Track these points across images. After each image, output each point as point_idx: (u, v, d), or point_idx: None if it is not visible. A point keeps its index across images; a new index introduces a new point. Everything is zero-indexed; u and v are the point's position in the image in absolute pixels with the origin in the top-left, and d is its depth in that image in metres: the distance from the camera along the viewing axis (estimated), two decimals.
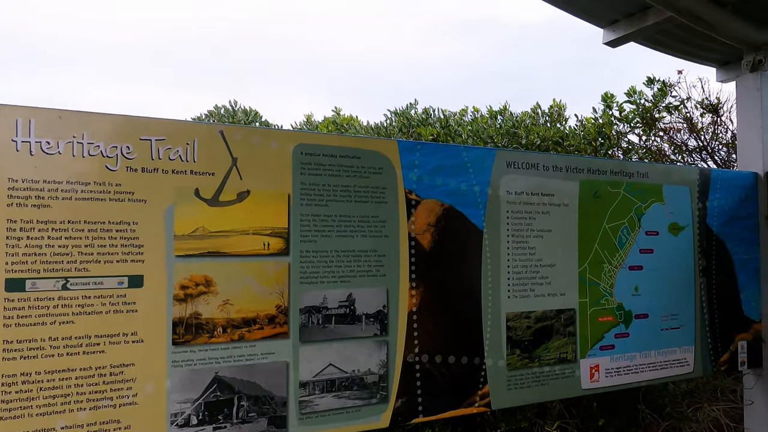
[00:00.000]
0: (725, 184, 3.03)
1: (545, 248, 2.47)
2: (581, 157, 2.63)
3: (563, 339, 2.50)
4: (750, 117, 3.24)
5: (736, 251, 3.05)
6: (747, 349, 3.06)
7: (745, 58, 3.32)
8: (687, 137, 4.32)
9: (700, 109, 4.22)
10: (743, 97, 3.30)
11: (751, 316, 3.09)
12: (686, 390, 3.50)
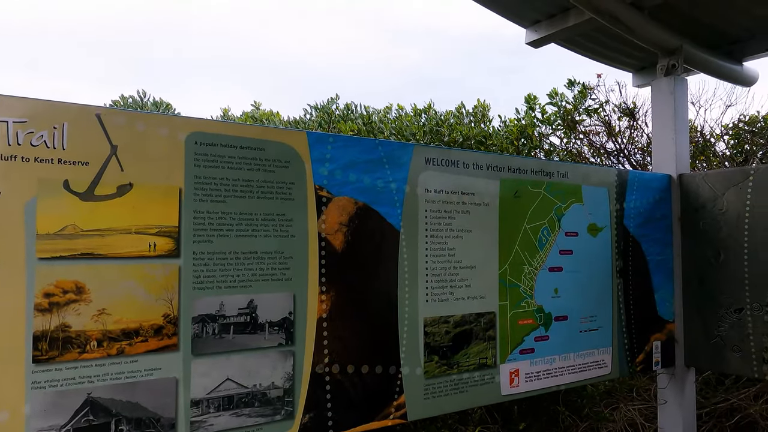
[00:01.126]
0: (641, 186, 3.06)
1: (465, 249, 2.36)
2: (502, 156, 2.55)
3: (483, 344, 2.40)
4: (664, 120, 3.30)
5: (651, 252, 3.08)
6: (661, 349, 3.10)
7: (660, 63, 3.38)
8: (606, 140, 4.40)
9: (618, 113, 4.30)
10: (658, 100, 3.35)
11: (665, 317, 3.14)
12: (604, 390, 3.53)
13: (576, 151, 4.53)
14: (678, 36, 3.31)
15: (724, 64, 3.63)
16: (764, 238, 2.84)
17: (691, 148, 4.36)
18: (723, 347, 3.01)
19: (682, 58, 3.28)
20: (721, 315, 3.02)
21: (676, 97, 3.28)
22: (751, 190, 2.90)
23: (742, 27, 3.44)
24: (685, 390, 3.20)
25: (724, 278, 3.01)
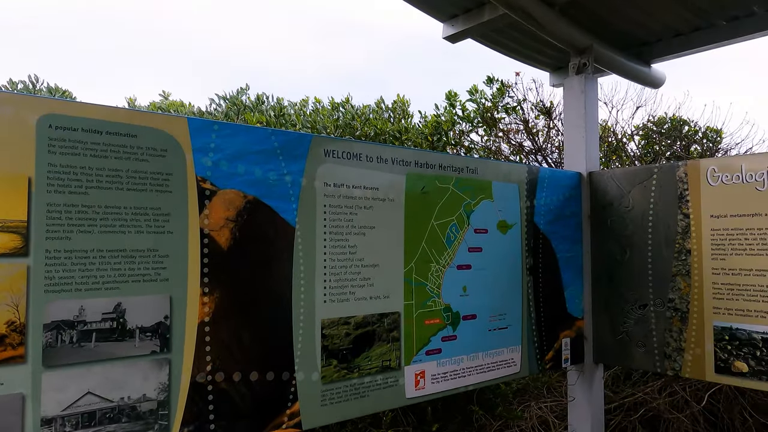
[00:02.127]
0: (552, 183, 3.06)
1: (368, 247, 2.25)
2: (408, 149, 2.45)
3: (386, 345, 2.30)
4: (575, 119, 3.32)
5: (561, 249, 3.09)
6: (570, 346, 3.11)
7: (571, 61, 3.40)
8: (524, 138, 4.43)
9: (535, 112, 4.33)
10: (569, 99, 3.37)
11: (575, 314, 3.15)
12: (517, 389, 3.52)
13: (495, 148, 4.53)
14: (589, 35, 3.34)
15: (634, 65, 3.71)
16: (666, 236, 2.90)
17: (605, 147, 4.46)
18: (628, 343, 3.05)
19: (592, 57, 3.32)
20: (627, 311, 3.06)
21: (587, 96, 3.30)
22: (655, 188, 2.95)
23: (649, 30, 3.52)
24: (593, 386, 3.23)
25: (630, 275, 3.05)
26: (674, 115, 4.25)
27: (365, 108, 3.75)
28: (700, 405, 3.35)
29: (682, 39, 3.58)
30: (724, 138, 4.25)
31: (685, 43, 3.58)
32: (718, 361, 2.71)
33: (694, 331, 2.79)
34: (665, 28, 3.50)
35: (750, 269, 2.62)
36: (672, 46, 3.63)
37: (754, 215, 2.60)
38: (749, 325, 2.62)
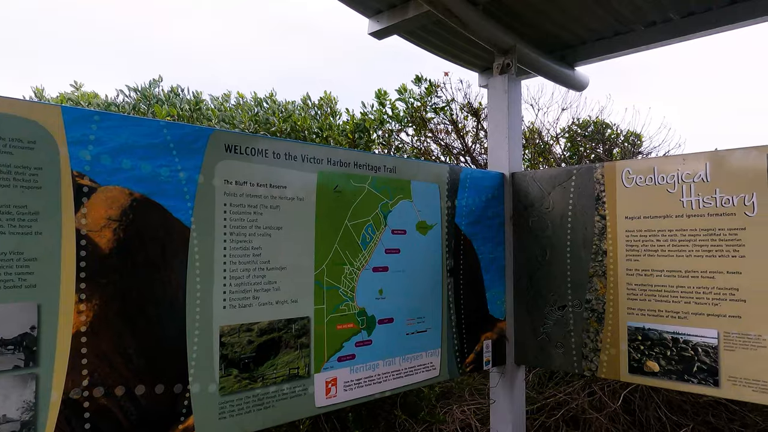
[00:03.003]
0: (474, 184, 3.02)
1: (274, 249, 2.13)
2: (320, 146, 2.34)
3: (294, 352, 2.18)
4: (498, 119, 3.30)
5: (483, 250, 3.05)
6: (492, 348, 3.09)
7: (496, 61, 3.38)
8: (453, 139, 4.40)
9: (464, 112, 4.31)
10: (493, 99, 3.35)
11: (496, 315, 3.13)
12: (441, 392, 3.48)
13: (425, 149, 4.48)
14: (512, 35, 3.33)
15: (558, 67, 3.74)
16: (584, 237, 2.91)
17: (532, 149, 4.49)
18: (548, 344, 3.05)
19: (515, 57, 3.31)
20: (547, 312, 3.06)
21: (510, 97, 3.29)
22: (573, 190, 2.96)
23: (573, 33, 3.55)
24: (514, 387, 3.22)
25: (550, 276, 3.05)
26: (597, 118, 4.35)
27: (288, 104, 3.62)
28: (616, 404, 3.40)
29: (604, 43, 3.64)
30: (644, 141, 4.39)
31: (607, 47, 3.64)
32: (632, 361, 2.74)
33: (610, 332, 2.81)
34: (588, 31, 3.54)
35: (661, 270, 2.65)
36: (595, 50, 3.69)
37: (665, 217, 2.64)
38: (660, 325, 2.65)
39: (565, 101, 4.39)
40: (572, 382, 3.83)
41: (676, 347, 2.60)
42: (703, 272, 2.53)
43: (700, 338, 2.53)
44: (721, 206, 2.48)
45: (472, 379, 3.73)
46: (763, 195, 2.37)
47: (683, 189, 2.59)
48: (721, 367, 2.47)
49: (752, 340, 2.39)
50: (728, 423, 3.59)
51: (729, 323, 2.46)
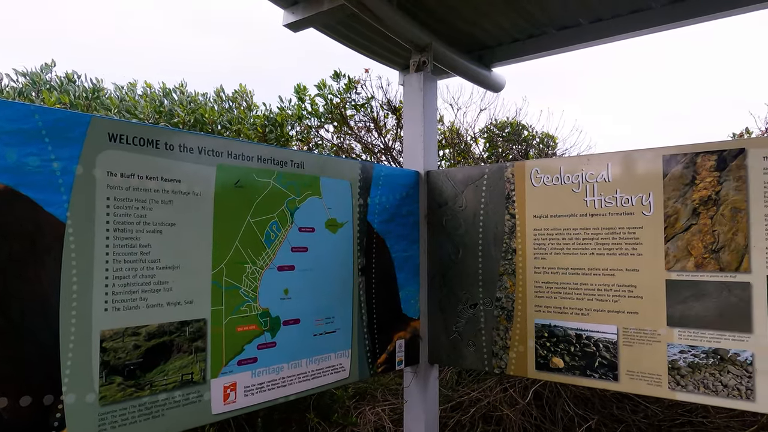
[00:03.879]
0: (388, 181, 2.98)
1: (165, 246, 1.99)
2: (219, 138, 2.22)
3: (188, 357, 2.05)
4: (414, 117, 3.28)
5: (396, 249, 3.02)
6: (405, 348, 3.06)
7: (412, 59, 3.36)
8: (375, 137, 4.36)
9: (384, 110, 4.28)
10: (409, 97, 3.33)
11: (410, 314, 3.10)
12: (354, 393, 3.42)
13: (347, 146, 4.41)
14: (428, 33, 3.32)
15: (475, 68, 3.77)
16: (495, 235, 2.93)
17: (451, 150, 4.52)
18: (460, 342, 3.06)
19: (431, 55, 3.30)
20: (459, 311, 3.06)
21: (426, 95, 3.28)
22: (486, 189, 2.98)
23: (489, 34, 3.59)
24: (428, 387, 3.20)
25: (463, 274, 3.06)
26: (514, 119, 4.44)
27: (196, 96, 3.45)
28: (525, 401, 3.47)
29: (519, 45, 3.70)
30: (558, 143, 4.52)
31: (521, 49, 3.70)
32: (539, 358, 2.78)
33: (518, 329, 2.85)
34: (503, 32, 3.59)
35: (567, 268, 2.71)
36: (510, 51, 3.74)
37: (570, 215, 2.70)
38: (565, 322, 2.71)
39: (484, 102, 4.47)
40: (487, 379, 3.87)
41: (580, 343, 2.66)
42: (605, 270, 2.60)
43: (601, 334, 2.60)
44: (621, 206, 2.56)
45: (388, 378, 3.69)
46: (658, 195, 2.46)
47: (587, 189, 2.65)
48: (620, 361, 2.54)
49: (648, 335, 2.47)
50: (632, 414, 3.74)
51: (627, 319, 2.53)
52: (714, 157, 2.34)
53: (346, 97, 4.01)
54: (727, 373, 2.29)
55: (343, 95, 4.00)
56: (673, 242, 2.42)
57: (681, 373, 2.39)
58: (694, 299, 2.36)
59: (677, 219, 2.41)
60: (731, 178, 2.30)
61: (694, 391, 2.36)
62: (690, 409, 3.59)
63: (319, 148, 4.13)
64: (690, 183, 2.39)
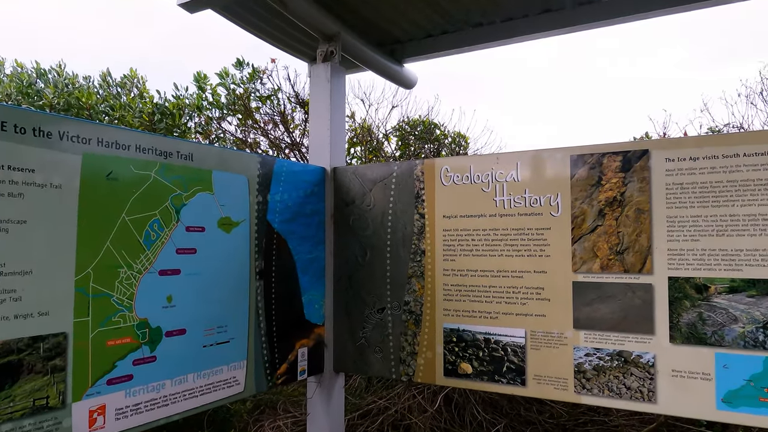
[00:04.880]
0: (291, 178, 2.76)
1: (13, 248, 1.67)
2: (86, 122, 1.91)
3: (42, 378, 1.74)
4: (320, 110, 3.09)
5: (299, 251, 2.81)
6: (308, 356, 2.85)
7: (320, 48, 3.17)
8: (282, 132, 4.11)
9: (292, 104, 4.05)
10: (316, 88, 3.13)
11: (314, 320, 2.90)
12: (253, 406, 3.17)
13: (252, 141, 4.14)
14: (337, 22, 3.14)
15: (386, 62, 3.63)
16: (404, 236, 2.80)
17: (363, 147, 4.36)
18: (367, 349, 2.90)
19: (339, 45, 3.12)
20: (366, 315, 2.90)
21: (333, 86, 3.10)
22: (394, 187, 2.84)
23: (401, 28, 3.46)
24: (333, 397, 3.02)
25: (370, 277, 2.90)
26: (426, 118, 4.36)
27: (74, 79, 3.06)
28: (434, 407, 3.38)
29: (432, 41, 3.60)
30: (470, 143, 4.50)
31: (434, 45, 3.60)
32: (447, 364, 2.67)
33: (426, 334, 2.73)
34: (416, 27, 3.47)
35: (476, 270, 2.62)
36: (423, 47, 3.63)
37: (480, 216, 2.61)
38: (474, 326, 2.62)
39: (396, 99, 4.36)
40: (397, 385, 3.75)
41: (488, 348, 2.58)
42: (513, 272, 2.53)
43: (510, 338, 2.53)
44: (530, 206, 2.50)
45: (292, 388, 3.47)
46: (566, 195, 2.42)
47: (497, 188, 2.58)
48: (528, 366, 2.48)
49: (555, 338, 2.42)
50: (538, 415, 3.75)
51: (535, 322, 2.48)
52: (619, 158, 2.33)
53: (250, 87, 3.75)
54: (630, 376, 2.27)
55: (247, 85, 3.74)
56: (579, 243, 2.38)
57: (586, 377, 2.35)
58: (599, 301, 2.34)
59: (584, 220, 2.38)
60: (635, 179, 2.29)
61: (599, 394, 2.33)
62: (593, 408, 3.64)
63: (221, 142, 3.83)
64: (596, 184, 2.36)
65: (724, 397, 2.10)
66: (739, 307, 2.09)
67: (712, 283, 2.14)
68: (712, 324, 2.13)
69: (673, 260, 2.20)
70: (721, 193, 2.14)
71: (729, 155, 2.13)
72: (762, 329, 2.05)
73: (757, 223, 2.07)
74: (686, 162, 2.20)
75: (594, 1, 3.00)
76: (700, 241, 2.16)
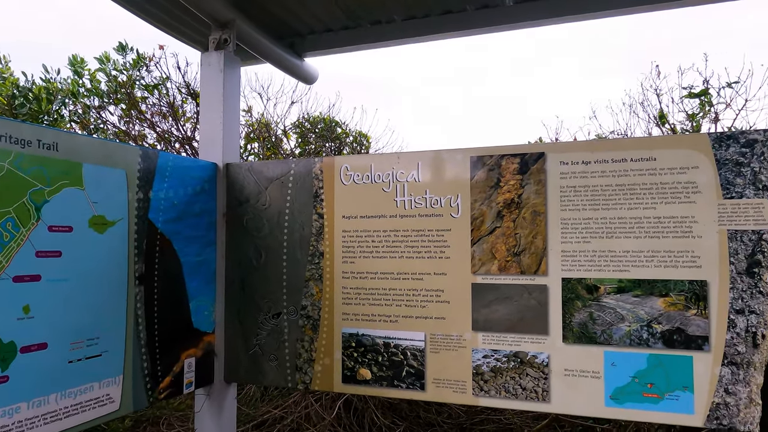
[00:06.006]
0: (178, 174, 2.53)
1: None
2: None
3: None
4: (212, 101, 2.88)
5: (187, 252, 2.58)
6: (195, 367, 2.63)
7: (212, 35, 2.95)
8: (171, 125, 3.81)
9: (183, 94, 3.76)
10: (207, 78, 2.91)
11: (203, 328, 2.69)
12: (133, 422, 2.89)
13: (139, 134, 3.80)
14: (233, 9, 2.94)
15: (286, 55, 3.47)
16: (301, 237, 2.66)
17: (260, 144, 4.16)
18: (261, 357, 2.73)
19: (234, 33, 2.92)
20: (261, 321, 2.73)
21: (227, 77, 2.89)
22: (292, 185, 2.69)
23: (302, 20, 3.32)
24: (224, 409, 2.81)
25: (265, 281, 2.73)
26: (328, 115, 4.24)
27: None
28: (332, 415, 3.27)
29: (333, 35, 3.49)
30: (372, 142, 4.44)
31: (335, 40, 3.49)
32: (345, 370, 2.57)
33: (324, 340, 2.61)
34: (317, 21, 3.35)
35: (375, 272, 2.54)
36: (324, 41, 3.51)
37: (380, 216, 2.54)
38: (373, 330, 2.54)
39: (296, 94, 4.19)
40: (294, 393, 3.59)
41: (388, 352, 2.51)
42: (414, 274, 2.48)
43: (409, 342, 2.48)
44: (431, 207, 2.46)
45: (178, 402, 3.21)
46: (466, 197, 2.40)
47: (397, 188, 2.51)
48: (427, 370, 2.44)
49: (454, 341, 2.40)
50: (437, 416, 3.75)
51: (435, 325, 2.44)
52: (517, 160, 2.34)
53: (134, 74, 3.43)
54: (526, 376, 2.29)
55: (131, 72, 3.41)
56: (479, 245, 2.37)
57: (484, 378, 2.35)
58: (497, 303, 2.34)
59: (483, 221, 2.38)
60: (532, 181, 2.31)
61: (496, 395, 2.33)
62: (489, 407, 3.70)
63: (101, 133, 3.47)
64: (495, 185, 2.37)
65: (612, 394, 2.17)
66: (626, 307, 2.17)
67: (601, 283, 2.20)
68: (601, 323, 2.20)
69: (567, 261, 2.25)
70: (610, 196, 2.21)
71: (618, 160, 2.20)
72: (646, 327, 2.14)
73: (642, 226, 2.16)
74: (579, 165, 2.25)
75: (494, 6, 3.04)
76: (591, 242, 2.22)
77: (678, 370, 2.10)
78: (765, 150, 2.03)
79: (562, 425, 3.35)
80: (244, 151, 4.27)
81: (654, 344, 2.13)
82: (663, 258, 2.13)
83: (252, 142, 3.99)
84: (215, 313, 2.76)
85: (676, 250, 2.12)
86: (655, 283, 2.14)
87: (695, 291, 2.09)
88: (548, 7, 2.89)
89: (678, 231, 2.12)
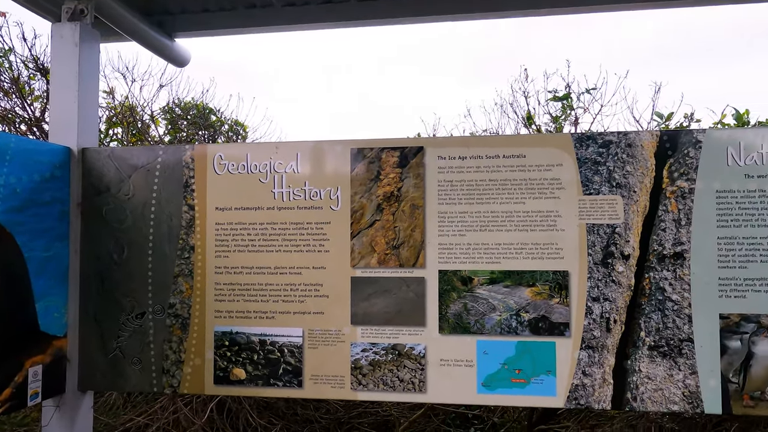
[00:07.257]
0: (21, 158, 2.23)
1: None
2: None
3: None
4: (65, 78, 2.57)
5: (32, 248, 2.29)
6: (42, 375, 2.34)
7: (66, 4, 2.64)
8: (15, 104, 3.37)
9: (31, 70, 3.34)
10: (60, 51, 2.60)
11: (52, 332, 2.40)
12: None
13: None
14: None
15: (154, 34, 3.19)
16: (170, 230, 2.47)
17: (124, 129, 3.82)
18: (122, 361, 2.49)
19: (93, 4, 2.64)
20: (122, 322, 2.50)
21: (83, 51, 2.60)
22: (159, 174, 2.49)
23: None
24: (77, 420, 2.54)
25: (128, 278, 2.50)
26: (201, 102, 4.00)
27: None
28: (203, 419, 3.09)
29: (208, 16, 3.27)
30: (249, 132, 4.27)
31: (210, 22, 3.28)
32: (218, 371, 2.43)
33: (195, 340, 2.45)
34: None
35: (251, 267, 2.43)
36: (197, 22, 3.28)
37: (257, 209, 2.43)
38: (248, 327, 2.42)
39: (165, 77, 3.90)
40: (161, 397, 3.34)
41: (264, 350, 2.41)
42: (292, 268, 2.40)
43: (287, 338, 2.40)
44: (310, 199, 2.39)
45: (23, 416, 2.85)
46: (346, 190, 2.37)
47: (275, 179, 2.42)
48: (305, 366, 2.38)
49: (333, 335, 2.36)
50: (315, 412, 3.69)
51: (313, 320, 2.38)
52: (397, 153, 2.35)
53: None
54: (403, 368, 2.31)
55: None
56: (358, 238, 2.35)
57: (363, 372, 2.33)
58: (376, 296, 2.34)
59: (363, 214, 2.36)
60: (411, 175, 2.33)
61: (375, 389, 2.33)
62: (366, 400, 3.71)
63: None
64: (375, 178, 2.36)
65: (484, 381, 2.26)
66: (497, 297, 2.26)
67: (475, 275, 2.28)
68: (474, 313, 2.28)
69: (443, 254, 2.30)
70: (484, 191, 2.29)
71: (491, 156, 2.29)
72: (515, 316, 2.25)
73: (513, 220, 2.27)
74: (456, 161, 2.31)
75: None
76: (466, 236, 2.29)
77: (543, 355, 2.23)
78: (618, 151, 2.22)
79: (437, 413, 3.46)
80: (105, 136, 3.89)
81: (522, 332, 2.25)
82: (531, 250, 2.25)
83: (115, 127, 3.64)
84: (68, 315, 2.48)
85: (543, 243, 2.25)
86: (524, 273, 2.25)
87: (558, 281, 2.23)
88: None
89: (544, 225, 2.25)
